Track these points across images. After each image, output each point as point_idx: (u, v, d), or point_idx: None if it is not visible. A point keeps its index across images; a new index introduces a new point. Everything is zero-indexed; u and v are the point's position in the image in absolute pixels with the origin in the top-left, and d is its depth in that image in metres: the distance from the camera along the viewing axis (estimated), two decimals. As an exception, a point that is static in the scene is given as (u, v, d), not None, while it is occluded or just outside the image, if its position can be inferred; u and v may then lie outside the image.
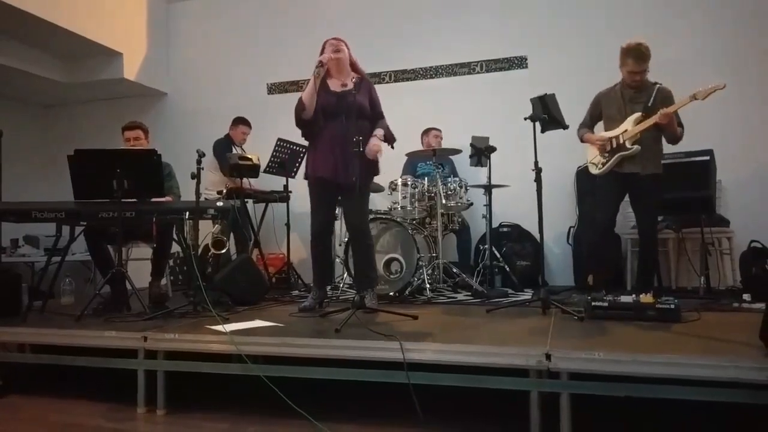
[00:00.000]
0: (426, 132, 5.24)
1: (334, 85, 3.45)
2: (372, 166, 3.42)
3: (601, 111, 3.76)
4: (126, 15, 6.07)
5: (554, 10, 5.40)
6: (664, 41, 4.96)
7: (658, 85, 3.56)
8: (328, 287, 3.96)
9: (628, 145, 3.52)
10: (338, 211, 4.14)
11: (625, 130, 3.54)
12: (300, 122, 3.45)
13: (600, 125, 3.82)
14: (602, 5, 5.25)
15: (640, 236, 3.70)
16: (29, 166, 6.58)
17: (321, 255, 3.57)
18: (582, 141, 3.84)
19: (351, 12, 5.93)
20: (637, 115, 3.53)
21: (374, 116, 3.49)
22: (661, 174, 3.61)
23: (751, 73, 4.80)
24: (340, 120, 3.35)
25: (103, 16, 5.70)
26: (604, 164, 3.64)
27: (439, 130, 5.24)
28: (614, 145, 3.57)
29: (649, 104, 3.50)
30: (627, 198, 3.76)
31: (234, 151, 5.17)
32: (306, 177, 3.50)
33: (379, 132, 3.41)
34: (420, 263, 4.07)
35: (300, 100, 3.39)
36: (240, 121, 5.48)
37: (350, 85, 3.41)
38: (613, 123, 3.65)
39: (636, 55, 3.49)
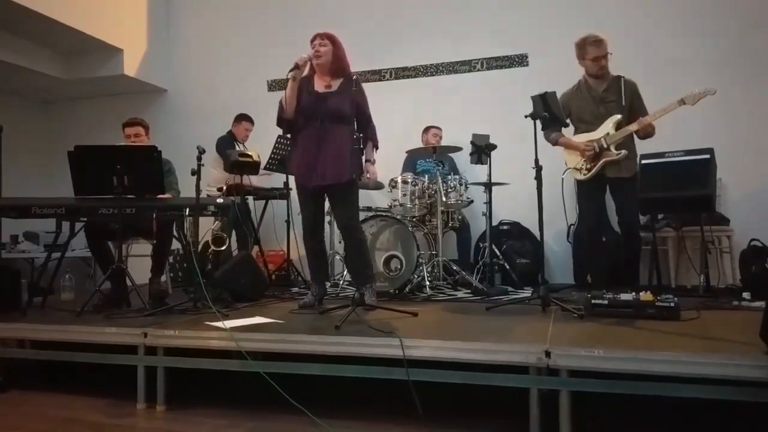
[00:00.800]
0: (426, 130, 5.24)
1: (318, 84, 3.42)
2: (357, 167, 3.40)
3: (570, 113, 3.74)
4: (126, 11, 6.06)
5: (555, 8, 5.39)
6: (665, 40, 4.99)
7: (623, 78, 3.57)
8: (327, 283, 3.96)
9: (613, 150, 3.52)
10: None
11: (607, 134, 3.54)
12: (280, 121, 3.46)
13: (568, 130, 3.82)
14: (601, 4, 5.24)
15: (625, 235, 3.72)
16: (29, 162, 6.57)
17: (313, 250, 3.55)
18: (555, 144, 3.78)
19: (351, 8, 5.92)
20: (618, 117, 3.53)
21: (361, 121, 3.45)
22: (638, 172, 3.64)
23: (751, 72, 4.80)
24: (315, 122, 3.33)
25: (104, 12, 5.70)
26: (589, 170, 3.64)
27: (439, 128, 5.23)
28: (598, 149, 3.57)
29: (623, 103, 3.51)
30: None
31: (236, 148, 5.16)
32: (292, 173, 3.52)
33: (371, 154, 3.44)
34: (420, 260, 4.07)
35: (280, 102, 3.41)
36: (243, 118, 5.46)
37: (334, 87, 3.37)
38: (588, 125, 3.64)
39: (593, 42, 3.53)
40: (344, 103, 3.34)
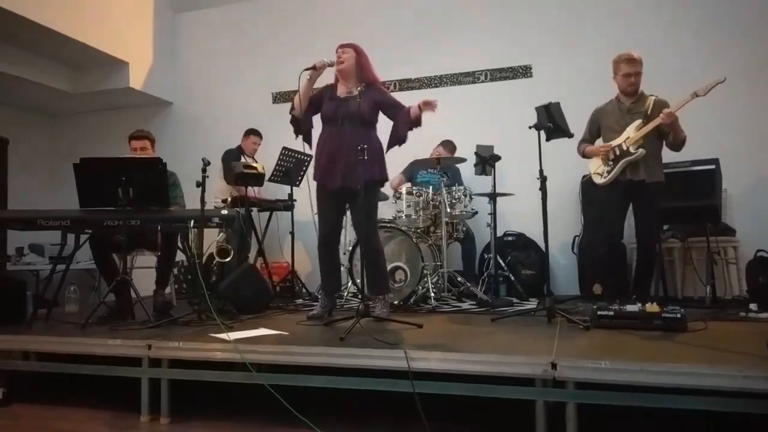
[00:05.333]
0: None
1: (340, 90, 3.49)
2: (378, 171, 3.42)
3: (599, 125, 3.76)
4: (133, 25, 6.12)
5: (559, 19, 5.42)
6: (667, 50, 5.00)
7: (653, 97, 3.57)
8: (337, 297, 3.92)
9: (632, 150, 3.50)
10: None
11: (628, 137, 3.53)
12: (292, 120, 3.52)
13: (598, 141, 3.81)
14: (606, 14, 5.27)
15: (639, 246, 3.67)
16: (36, 175, 6.62)
17: (327, 260, 3.53)
18: (584, 156, 3.80)
19: (356, 22, 5.97)
20: (638, 122, 3.52)
21: (392, 112, 3.44)
22: (664, 183, 3.59)
23: (756, 82, 4.79)
24: (336, 126, 3.36)
25: (110, 26, 5.76)
26: (608, 172, 3.61)
27: (444, 146, 5.08)
28: (618, 153, 3.56)
29: (648, 113, 3.50)
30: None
31: (242, 161, 5.19)
32: (314, 178, 3.52)
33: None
34: (424, 272, 4.07)
35: (292, 101, 3.48)
36: (251, 132, 5.55)
37: (355, 92, 3.39)
38: (613, 134, 3.64)
39: (627, 59, 3.54)
40: (364, 106, 3.34)
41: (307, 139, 3.60)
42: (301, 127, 3.54)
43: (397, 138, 3.47)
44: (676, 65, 4.93)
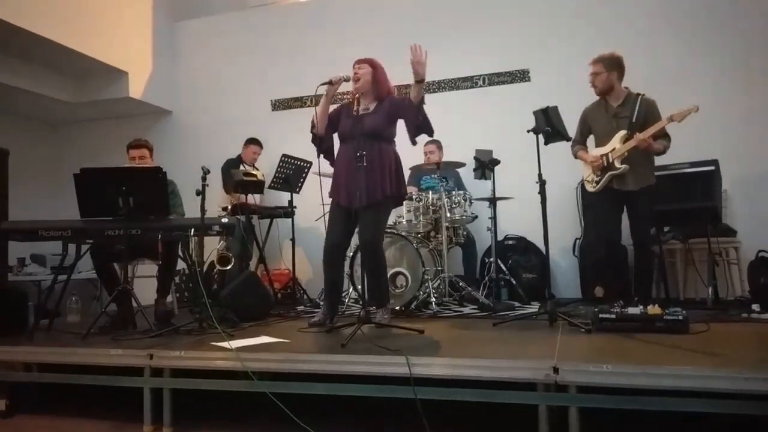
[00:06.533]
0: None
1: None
2: (395, 187, 3.38)
3: (589, 127, 3.78)
4: (131, 34, 6.14)
5: (556, 23, 5.43)
6: (666, 53, 5.00)
7: (641, 96, 3.58)
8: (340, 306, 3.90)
9: (617, 164, 3.53)
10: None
11: (614, 149, 3.56)
12: (313, 138, 3.49)
13: (591, 140, 3.83)
14: (603, 18, 5.28)
15: (635, 248, 3.69)
16: (36, 185, 6.61)
17: (330, 273, 3.47)
18: (576, 158, 3.85)
19: (353, 28, 5.98)
20: (623, 132, 3.54)
21: (409, 114, 3.31)
22: (654, 184, 3.61)
23: (755, 83, 4.79)
24: (352, 143, 3.30)
25: (109, 36, 5.77)
26: (597, 182, 3.66)
27: (433, 143, 5.04)
28: (605, 164, 3.59)
29: (633, 120, 3.52)
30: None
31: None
32: (329, 195, 3.51)
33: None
34: (425, 277, 4.07)
35: (312, 119, 3.44)
36: (251, 142, 5.59)
37: (372, 108, 3.38)
38: (602, 138, 3.68)
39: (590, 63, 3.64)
40: (379, 122, 3.33)
41: (329, 158, 3.57)
42: (323, 145, 3.50)
43: (413, 121, 3.31)
44: (674, 67, 4.93)
